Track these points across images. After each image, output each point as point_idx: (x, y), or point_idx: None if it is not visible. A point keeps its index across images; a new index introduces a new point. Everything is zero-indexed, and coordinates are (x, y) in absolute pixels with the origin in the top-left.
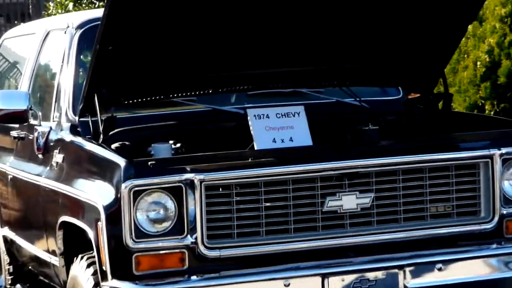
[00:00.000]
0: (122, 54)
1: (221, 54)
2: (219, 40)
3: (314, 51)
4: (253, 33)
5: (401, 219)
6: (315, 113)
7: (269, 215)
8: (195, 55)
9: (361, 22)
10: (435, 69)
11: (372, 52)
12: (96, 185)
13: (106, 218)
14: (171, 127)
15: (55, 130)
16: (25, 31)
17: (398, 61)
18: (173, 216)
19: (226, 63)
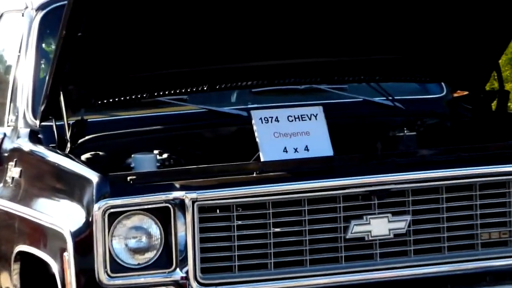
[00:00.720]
0: (94, 42)
1: (218, 42)
2: (215, 24)
3: (336, 38)
4: (258, 15)
5: (444, 248)
6: (337, 116)
7: (279, 243)
8: (186, 43)
9: (394, 3)
10: (487, 60)
11: (408, 39)
12: (62, 206)
13: (74, 248)
14: (156, 133)
15: (10, 137)
16: None
17: (441, 51)
18: (159, 245)
19: (225, 52)
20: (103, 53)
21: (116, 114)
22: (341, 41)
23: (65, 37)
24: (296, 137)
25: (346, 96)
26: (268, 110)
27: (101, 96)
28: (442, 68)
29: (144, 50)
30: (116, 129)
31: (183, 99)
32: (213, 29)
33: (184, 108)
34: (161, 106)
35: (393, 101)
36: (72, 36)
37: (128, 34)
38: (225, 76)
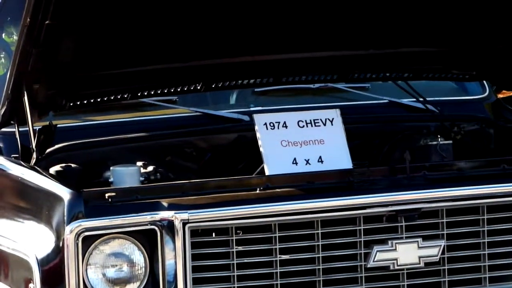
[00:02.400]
0: (65, 31)
1: (215, 31)
2: (212, 11)
3: (355, 27)
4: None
5: (486, 279)
6: (357, 120)
7: (286, 273)
8: (176, 33)
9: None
10: None
11: (443, 28)
12: (27, 229)
13: (42, 278)
14: (140, 141)
15: None
16: None
17: (483, 42)
18: (143, 275)
19: (223, 44)
20: (76, 45)
21: (92, 119)
22: (362, 30)
23: (30, 25)
24: (307, 146)
25: (368, 97)
26: (274, 113)
27: (73, 97)
28: (484, 64)
29: (126, 41)
30: (92, 136)
31: (172, 101)
32: (209, 16)
33: (173, 111)
34: (145, 108)
35: (424, 103)
36: (38, 24)
37: (106, 22)
38: (222, 72)
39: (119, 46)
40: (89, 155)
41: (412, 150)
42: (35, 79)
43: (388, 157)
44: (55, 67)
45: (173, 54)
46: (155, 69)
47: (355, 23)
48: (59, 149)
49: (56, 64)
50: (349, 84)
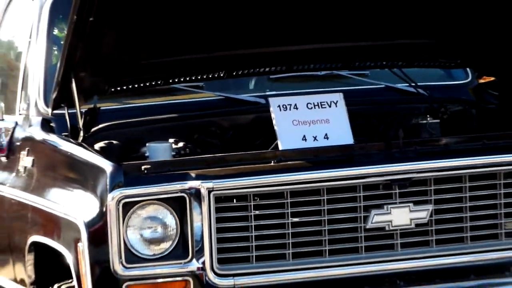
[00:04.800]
0: (107, 26)
1: (235, 26)
2: (233, 8)
3: (356, 21)
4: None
5: (467, 238)
6: (358, 103)
7: (297, 233)
8: (202, 28)
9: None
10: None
11: (432, 22)
12: (75, 196)
13: (89, 238)
14: (171, 121)
15: (22, 126)
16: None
17: (467, 35)
18: (174, 235)
19: (243, 37)
20: (116, 39)
21: (130, 102)
22: (362, 25)
23: (76, 22)
24: (315, 125)
25: (367, 82)
26: (286, 97)
27: (114, 83)
28: (468, 53)
29: (159, 35)
30: (130, 117)
31: (199, 86)
32: (230, 13)
33: (200, 95)
34: (176, 93)
35: (416, 87)
36: (83, 21)
37: (142, 18)
38: (242, 62)
39: (154, 40)
40: (128, 133)
41: (405, 128)
42: (81, 69)
43: (385, 134)
44: (98, 58)
45: (200, 46)
46: (184, 59)
47: (356, 18)
48: (102, 128)
49: (99, 55)
50: (351, 72)
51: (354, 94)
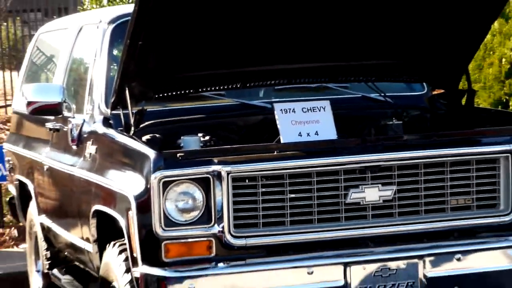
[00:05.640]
0: (152, 48)
1: (249, 49)
2: (248, 35)
3: (341, 47)
4: (281, 29)
5: (422, 211)
6: (341, 108)
7: (293, 206)
8: (224, 50)
9: (387, 19)
10: (459, 65)
11: (397, 48)
12: (127, 176)
13: (137, 208)
14: (200, 121)
15: (88, 122)
16: (60, 25)
17: (423, 57)
18: (201, 206)
19: (255, 58)
20: (158, 57)
21: (169, 105)
22: (345, 50)
23: (129, 45)
24: (308, 125)
25: (348, 92)
26: (287, 103)
27: (157, 91)
28: (424, 71)
29: (192, 55)
30: (169, 117)
31: (221, 94)
32: (246, 41)
33: (221, 101)
34: (204, 99)
35: (384, 97)
36: (134, 44)
37: (178, 43)
38: (254, 76)
39: (187, 59)
40: (167, 129)
41: (376, 128)
42: (133, 80)
43: (360, 132)
44: (145, 72)
45: (222, 65)
46: (210, 74)
47: (341, 45)
48: (148, 125)
49: (146, 70)
50: (336, 84)
51: (338, 101)
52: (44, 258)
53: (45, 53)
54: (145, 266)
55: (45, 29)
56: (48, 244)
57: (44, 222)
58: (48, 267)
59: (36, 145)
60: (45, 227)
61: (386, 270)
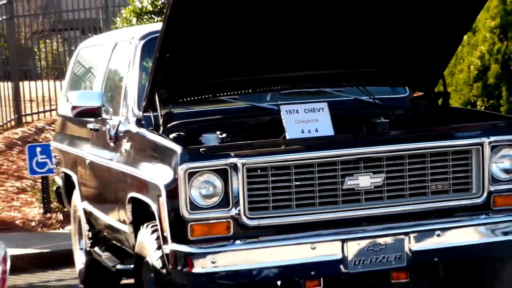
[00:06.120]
0: (177, 60)
1: (259, 61)
2: (257, 49)
3: (336, 58)
4: (285, 44)
5: (407, 195)
6: (336, 109)
7: (298, 191)
8: (238, 61)
9: (375, 34)
10: (436, 71)
11: (383, 57)
12: (157, 168)
13: (166, 194)
14: (218, 120)
15: (123, 123)
16: (97, 42)
17: (405, 65)
18: (221, 193)
19: (263, 67)
20: (183, 68)
21: (192, 108)
22: (339, 60)
23: (158, 57)
24: (309, 123)
25: (342, 95)
26: (291, 105)
27: (182, 96)
28: (406, 77)
29: (210, 66)
30: (192, 117)
31: (235, 98)
32: (255, 54)
33: (236, 104)
34: (221, 102)
35: (373, 99)
36: (162, 57)
37: (199, 56)
38: (263, 83)
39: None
40: (191, 128)
41: (366, 125)
42: (161, 87)
43: (354, 129)
44: (172, 80)
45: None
46: (226, 81)
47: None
48: (174, 125)
49: (173, 78)
50: (332, 89)
51: (334, 103)
52: (87, 238)
53: (85, 65)
54: (174, 244)
55: (85, 45)
56: (89, 226)
57: (86, 207)
58: (90, 245)
59: (79, 143)
60: (87, 211)
61: (377, 245)
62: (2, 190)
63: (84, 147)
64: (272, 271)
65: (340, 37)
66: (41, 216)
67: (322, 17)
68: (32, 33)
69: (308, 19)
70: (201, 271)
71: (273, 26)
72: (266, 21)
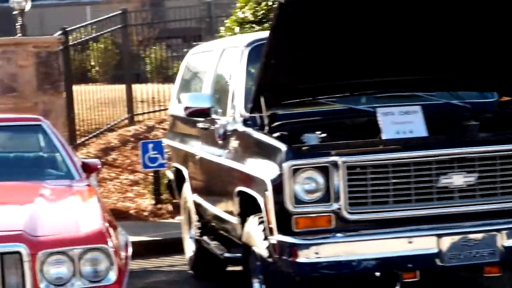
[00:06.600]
0: (281, 66)
1: (355, 66)
2: (354, 57)
3: (429, 63)
4: (381, 52)
5: (499, 193)
6: (429, 112)
7: (395, 189)
8: (336, 67)
9: (465, 42)
10: None
11: (473, 64)
12: (263, 164)
13: (272, 189)
14: (318, 121)
15: (231, 123)
16: (206, 48)
17: (493, 71)
18: (323, 188)
19: (359, 72)
20: (286, 73)
21: (294, 110)
22: (432, 66)
23: (263, 63)
24: (404, 125)
25: (434, 99)
26: (387, 107)
27: (285, 99)
28: (494, 83)
29: (311, 72)
30: (294, 118)
31: (334, 100)
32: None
33: (334, 106)
34: (320, 105)
35: (464, 103)
36: (267, 63)
37: (302, 62)
38: (358, 87)
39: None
40: (293, 128)
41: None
42: (266, 90)
43: (446, 130)
44: (276, 84)
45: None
46: (324, 85)
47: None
48: (278, 125)
49: (276, 83)
50: (425, 93)
51: (427, 106)
52: (196, 228)
53: (194, 69)
54: (280, 235)
55: (194, 51)
56: (198, 216)
57: (195, 199)
58: (199, 234)
59: (189, 140)
60: (197, 203)
61: (471, 240)
62: (117, 182)
63: (194, 144)
64: (371, 262)
65: (432, 44)
66: (153, 207)
67: (416, 26)
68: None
69: (403, 28)
70: (305, 261)
71: (369, 35)
72: (363, 31)
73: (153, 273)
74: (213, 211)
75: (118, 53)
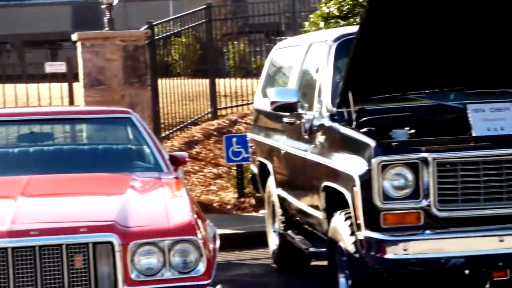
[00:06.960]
0: (371, 61)
1: (444, 62)
2: (443, 52)
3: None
4: (469, 47)
5: None
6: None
7: (486, 186)
8: (425, 63)
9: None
10: None
11: None
12: (351, 159)
13: (361, 185)
14: (406, 117)
15: (318, 118)
16: (292, 43)
17: None
18: (412, 185)
19: (449, 68)
20: (376, 68)
21: (382, 105)
22: None
23: (352, 58)
24: (495, 121)
25: None
26: (478, 104)
27: (374, 94)
28: None
29: (400, 67)
30: (382, 114)
31: (422, 96)
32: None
33: (423, 102)
34: (409, 100)
35: None
36: (357, 57)
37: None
38: (448, 83)
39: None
40: (381, 123)
41: None
42: (354, 85)
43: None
44: (364, 80)
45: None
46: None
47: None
48: (366, 120)
49: (366, 77)
50: None
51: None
52: (280, 222)
53: (280, 64)
54: (367, 231)
55: (280, 46)
56: (283, 210)
57: (280, 193)
58: (283, 228)
59: (274, 135)
60: (281, 197)
61: None
62: (200, 175)
63: (279, 139)
64: (460, 260)
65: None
66: (236, 200)
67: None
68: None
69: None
70: (393, 257)
71: (460, 31)
72: (453, 27)
73: (236, 265)
74: (298, 205)
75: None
